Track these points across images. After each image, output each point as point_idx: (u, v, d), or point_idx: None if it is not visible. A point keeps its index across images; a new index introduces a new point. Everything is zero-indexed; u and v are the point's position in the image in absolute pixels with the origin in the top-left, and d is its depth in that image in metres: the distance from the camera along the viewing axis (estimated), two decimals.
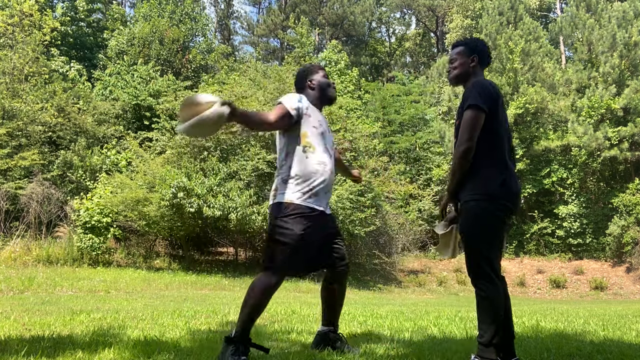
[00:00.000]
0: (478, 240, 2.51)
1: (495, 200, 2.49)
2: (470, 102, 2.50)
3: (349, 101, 19.62)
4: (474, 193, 2.51)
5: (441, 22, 38.17)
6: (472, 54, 2.70)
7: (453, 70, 2.74)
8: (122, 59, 21.64)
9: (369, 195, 15.12)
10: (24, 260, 12.01)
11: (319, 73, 3.01)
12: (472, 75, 2.70)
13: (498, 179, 2.51)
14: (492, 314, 2.49)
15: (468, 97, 2.53)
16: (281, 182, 2.77)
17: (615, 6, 20.79)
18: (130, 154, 15.91)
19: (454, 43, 2.80)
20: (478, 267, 2.53)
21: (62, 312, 4.93)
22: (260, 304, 2.68)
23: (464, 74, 2.71)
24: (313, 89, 2.97)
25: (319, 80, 2.98)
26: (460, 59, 2.71)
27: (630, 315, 6.15)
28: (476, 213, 2.50)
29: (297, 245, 2.65)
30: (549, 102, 20.42)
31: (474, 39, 2.79)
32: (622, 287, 17.11)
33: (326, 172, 2.80)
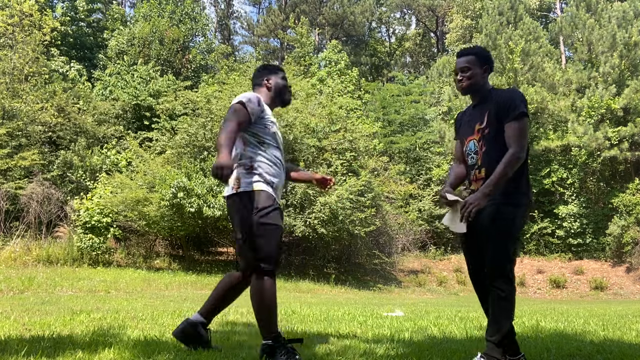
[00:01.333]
0: (508, 243, 2.57)
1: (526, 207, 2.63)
2: (522, 110, 2.55)
3: (349, 101, 19.62)
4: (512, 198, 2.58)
5: (441, 22, 38.18)
6: (484, 64, 2.73)
7: (467, 80, 2.72)
8: (122, 59, 21.64)
9: (369, 195, 15.12)
10: (24, 260, 12.01)
11: (279, 74, 3.02)
12: (483, 85, 2.74)
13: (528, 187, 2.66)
14: (508, 315, 2.55)
15: (513, 105, 2.57)
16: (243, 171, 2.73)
17: (615, 6, 20.80)
18: (130, 154, 15.91)
19: (463, 52, 2.79)
20: (503, 268, 2.56)
21: (62, 312, 4.93)
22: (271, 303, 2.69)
23: (476, 84, 2.73)
24: (269, 89, 2.99)
25: (277, 81, 2.99)
26: (473, 69, 2.71)
27: (630, 315, 6.15)
28: (512, 217, 2.57)
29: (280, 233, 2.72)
30: (549, 102, 20.41)
31: (482, 48, 2.84)
32: (622, 287, 17.11)
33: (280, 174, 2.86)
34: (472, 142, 2.76)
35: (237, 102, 2.76)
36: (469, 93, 2.78)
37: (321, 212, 13.43)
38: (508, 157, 2.53)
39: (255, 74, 3.05)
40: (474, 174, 2.74)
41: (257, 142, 2.79)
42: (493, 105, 2.64)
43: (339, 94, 20.13)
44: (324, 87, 21.83)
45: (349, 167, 15.18)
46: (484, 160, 2.66)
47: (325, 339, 3.38)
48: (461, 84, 2.74)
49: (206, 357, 2.69)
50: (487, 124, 2.66)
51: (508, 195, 2.58)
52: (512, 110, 2.56)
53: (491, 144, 2.63)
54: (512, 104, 2.57)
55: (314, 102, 16.40)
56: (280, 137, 2.96)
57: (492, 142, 2.63)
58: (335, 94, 19.65)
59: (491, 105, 2.66)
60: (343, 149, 15.22)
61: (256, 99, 2.81)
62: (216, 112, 14.64)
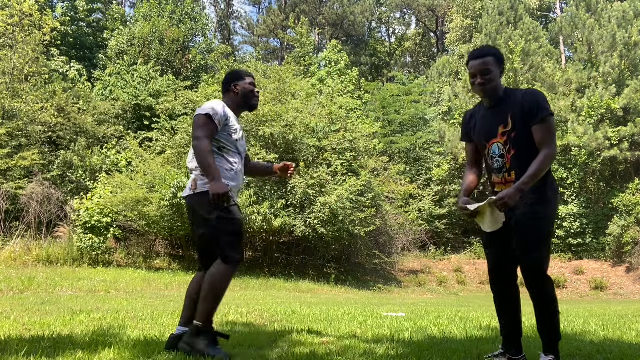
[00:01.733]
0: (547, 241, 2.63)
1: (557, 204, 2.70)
2: (550, 111, 2.57)
3: (349, 101, 19.61)
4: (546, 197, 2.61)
5: (441, 22, 38.17)
6: (501, 65, 2.70)
7: (489, 82, 2.65)
8: (122, 59, 21.64)
9: (369, 195, 15.11)
10: (24, 260, 12.01)
11: (246, 80, 3.11)
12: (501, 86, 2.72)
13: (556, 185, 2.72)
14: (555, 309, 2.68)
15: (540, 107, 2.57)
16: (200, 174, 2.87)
17: (615, 6, 20.80)
18: (130, 154, 15.91)
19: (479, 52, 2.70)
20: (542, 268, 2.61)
21: (62, 312, 4.93)
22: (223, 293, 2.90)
23: (497, 86, 2.68)
24: (237, 94, 3.08)
25: (244, 86, 3.09)
26: (494, 70, 2.65)
27: (630, 315, 6.15)
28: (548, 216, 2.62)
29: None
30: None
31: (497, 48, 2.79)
32: (622, 287, 17.11)
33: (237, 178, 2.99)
34: (495, 145, 2.70)
35: (204, 114, 2.86)
36: (491, 95, 2.70)
37: (321, 212, 13.43)
38: (543, 156, 2.53)
39: (224, 80, 3.16)
40: (502, 176, 2.71)
41: (216, 147, 2.93)
42: (517, 108, 2.61)
43: (339, 94, 20.12)
44: (324, 87, 21.84)
45: (349, 167, 15.18)
46: (514, 163, 2.64)
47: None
48: (483, 87, 2.66)
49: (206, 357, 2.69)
50: (513, 126, 2.62)
51: (542, 194, 2.60)
52: (540, 112, 2.56)
53: (521, 147, 2.62)
54: (538, 106, 2.57)
55: (314, 102, 16.39)
56: (243, 143, 3.11)
57: (521, 144, 2.61)
58: (335, 94, 19.64)
59: (513, 108, 2.63)
60: (343, 149, 15.22)
61: (221, 109, 2.92)
62: None
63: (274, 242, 15.85)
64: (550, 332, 2.64)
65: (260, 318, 4.73)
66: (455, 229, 22.07)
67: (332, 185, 13.96)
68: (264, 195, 13.61)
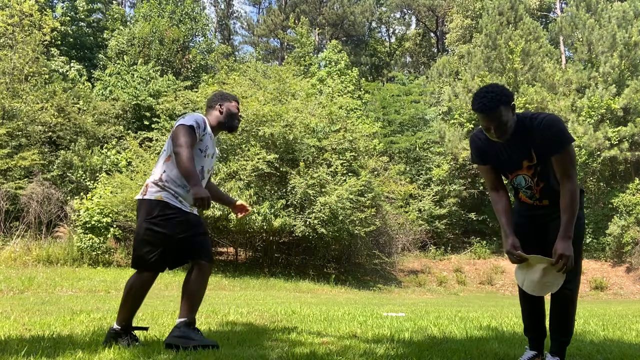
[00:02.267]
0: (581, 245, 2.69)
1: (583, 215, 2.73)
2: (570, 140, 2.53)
3: (349, 101, 19.61)
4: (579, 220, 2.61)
5: (441, 22, 38.18)
6: (511, 104, 2.55)
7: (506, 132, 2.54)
8: (122, 59, 21.64)
9: (369, 195, 15.11)
10: (24, 260, 12.02)
11: (232, 102, 3.30)
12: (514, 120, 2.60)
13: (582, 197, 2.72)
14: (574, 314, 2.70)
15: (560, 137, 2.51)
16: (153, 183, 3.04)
17: (615, 6, 20.80)
18: (130, 154, 15.91)
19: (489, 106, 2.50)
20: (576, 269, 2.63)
21: (62, 312, 4.93)
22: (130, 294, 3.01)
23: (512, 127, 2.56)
24: (221, 113, 3.24)
25: (229, 107, 3.26)
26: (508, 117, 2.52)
27: (630, 315, 6.16)
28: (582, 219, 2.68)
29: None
30: (549, 102, 20.41)
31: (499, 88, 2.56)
32: (622, 287, 17.11)
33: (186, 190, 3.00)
34: (521, 177, 2.69)
35: (188, 125, 2.98)
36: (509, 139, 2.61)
37: (321, 212, 13.42)
38: (571, 194, 2.52)
39: (211, 97, 3.31)
40: (533, 202, 2.72)
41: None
42: (539, 141, 2.56)
43: (339, 94, 20.11)
44: (324, 87, 21.84)
45: (349, 167, 15.17)
46: (544, 194, 2.67)
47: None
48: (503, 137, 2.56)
49: (206, 357, 2.69)
50: (537, 159, 2.61)
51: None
52: (561, 143, 2.52)
53: (547, 179, 2.63)
54: (558, 137, 2.51)
55: (314, 102, 16.39)
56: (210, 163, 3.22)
57: (548, 176, 2.62)
58: (335, 94, 19.64)
59: (534, 141, 2.57)
60: (343, 149, 15.21)
61: (203, 124, 3.08)
62: None
63: (274, 242, 15.85)
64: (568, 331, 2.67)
65: (260, 318, 4.73)
66: (455, 229, 22.07)
67: (332, 185, 13.96)
68: (264, 195, 13.61)
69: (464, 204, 22.31)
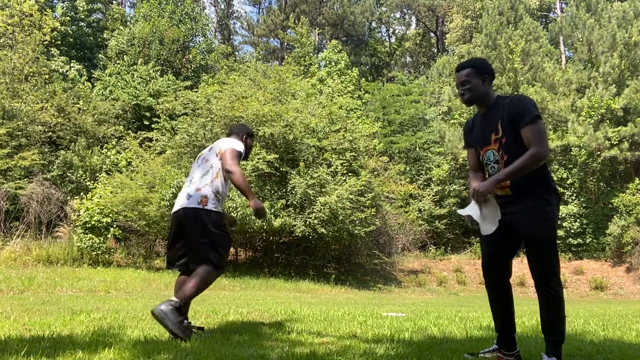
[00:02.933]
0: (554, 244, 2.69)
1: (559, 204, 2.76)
2: (535, 114, 2.64)
3: (349, 101, 19.61)
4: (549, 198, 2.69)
5: (441, 22, 38.18)
6: (482, 74, 2.82)
7: (468, 92, 2.83)
8: (122, 59, 21.64)
9: (369, 195, 15.11)
10: (24, 260, 12.01)
11: (252, 138, 4.02)
12: (487, 94, 2.84)
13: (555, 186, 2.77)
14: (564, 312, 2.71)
15: (525, 111, 2.66)
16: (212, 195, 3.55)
17: (615, 6, 20.79)
18: (130, 154, 15.91)
19: (460, 65, 2.87)
20: (553, 269, 2.68)
21: (62, 312, 4.93)
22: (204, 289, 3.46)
23: (478, 95, 2.83)
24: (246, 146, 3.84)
25: (250, 143, 3.95)
26: (472, 81, 2.81)
27: (630, 315, 6.15)
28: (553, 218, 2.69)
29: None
30: (549, 102, 20.41)
31: (480, 59, 2.91)
32: (622, 287, 17.11)
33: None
34: (490, 152, 2.83)
35: (239, 151, 3.64)
36: (473, 104, 2.89)
37: (321, 212, 13.42)
38: (529, 153, 2.61)
39: (237, 126, 3.99)
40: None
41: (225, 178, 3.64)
42: (505, 114, 2.72)
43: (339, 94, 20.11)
44: (324, 87, 21.82)
45: (349, 167, 15.17)
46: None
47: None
48: (462, 97, 2.86)
49: (206, 356, 2.70)
50: (503, 133, 2.74)
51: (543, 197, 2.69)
52: (525, 115, 2.65)
53: (512, 152, 2.70)
54: (524, 110, 2.66)
55: (314, 102, 16.39)
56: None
57: (512, 150, 2.70)
58: (335, 94, 19.63)
59: (502, 114, 2.74)
60: (343, 149, 15.21)
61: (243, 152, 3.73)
62: (216, 112, 14.63)
63: (274, 242, 15.85)
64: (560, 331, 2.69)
65: (260, 318, 4.73)
66: (455, 229, 22.07)
67: (332, 185, 13.95)
68: (264, 195, 13.61)
69: (464, 204, 22.28)
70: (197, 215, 3.43)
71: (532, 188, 2.68)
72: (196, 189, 3.51)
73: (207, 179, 3.55)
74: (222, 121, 14.47)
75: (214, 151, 3.66)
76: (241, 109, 14.35)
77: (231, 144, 3.61)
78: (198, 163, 3.73)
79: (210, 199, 3.48)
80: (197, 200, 3.46)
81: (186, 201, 3.49)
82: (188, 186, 3.61)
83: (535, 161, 2.60)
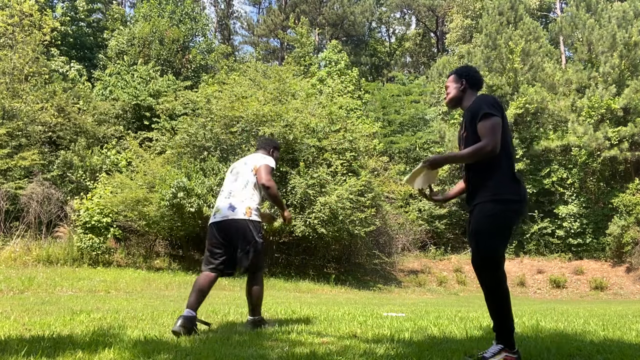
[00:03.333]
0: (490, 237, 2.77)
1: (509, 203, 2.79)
2: (486, 111, 2.82)
3: (349, 101, 19.61)
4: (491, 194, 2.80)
5: (441, 22, 38.18)
6: (461, 79, 3.09)
7: (446, 95, 3.16)
8: (122, 59, 21.63)
9: (369, 195, 15.11)
10: (24, 260, 12.00)
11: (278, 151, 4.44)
12: (464, 98, 3.10)
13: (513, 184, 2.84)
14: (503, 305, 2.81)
15: (479, 108, 2.86)
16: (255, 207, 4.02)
17: (615, 6, 20.79)
18: (130, 154, 15.91)
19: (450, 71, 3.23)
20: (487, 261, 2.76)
21: (62, 312, 4.93)
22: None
23: (454, 98, 3.12)
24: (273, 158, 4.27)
25: (277, 156, 4.39)
26: (451, 85, 3.12)
27: (630, 315, 6.15)
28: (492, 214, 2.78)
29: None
30: (549, 102, 20.41)
31: (465, 66, 3.19)
32: (622, 287, 17.11)
33: None
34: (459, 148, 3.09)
35: (272, 167, 4.08)
36: (452, 106, 3.18)
37: (321, 212, 13.42)
38: (475, 145, 2.81)
39: (265, 140, 4.42)
40: (464, 175, 3.05)
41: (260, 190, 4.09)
42: (469, 112, 2.97)
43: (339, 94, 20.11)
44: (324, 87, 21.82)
45: (349, 167, 15.17)
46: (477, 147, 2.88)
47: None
48: (445, 100, 3.22)
49: (206, 356, 2.70)
50: (464, 129, 2.99)
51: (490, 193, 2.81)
52: (480, 112, 2.84)
53: (467, 146, 2.91)
54: (479, 107, 2.86)
55: (314, 102, 16.39)
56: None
57: (468, 144, 2.91)
58: (335, 94, 19.63)
59: (467, 113, 3.00)
60: (343, 149, 15.21)
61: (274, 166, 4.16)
62: (216, 112, 14.63)
63: (274, 242, 15.85)
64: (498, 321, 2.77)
65: None
66: (455, 229, 22.07)
67: (332, 185, 13.96)
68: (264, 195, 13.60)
69: (464, 204, 22.27)
70: (246, 225, 3.87)
71: (486, 185, 2.82)
72: (240, 201, 3.95)
73: (247, 192, 3.99)
74: (222, 121, 14.47)
75: (249, 167, 4.07)
76: (241, 109, 14.35)
77: (264, 160, 4.07)
78: (234, 177, 4.11)
79: (254, 210, 3.95)
80: (243, 212, 3.90)
81: (231, 212, 3.90)
82: (227, 198, 4.00)
83: (478, 152, 2.77)
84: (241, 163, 4.18)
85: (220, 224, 3.93)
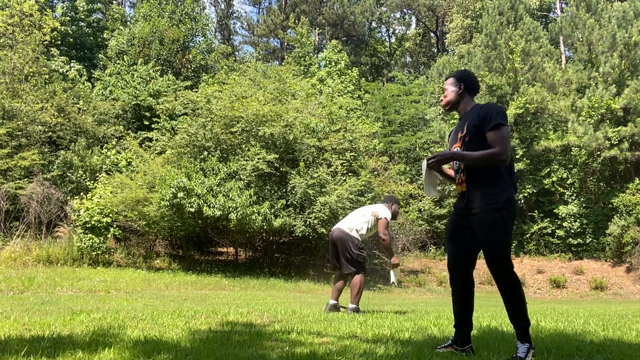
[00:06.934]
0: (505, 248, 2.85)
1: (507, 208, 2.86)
2: (500, 121, 2.87)
3: (349, 101, 19.61)
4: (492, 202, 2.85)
5: (441, 22, 38.17)
6: (459, 83, 3.15)
7: (444, 98, 3.23)
8: (122, 59, 21.63)
9: (369, 195, 15.11)
10: (24, 260, 12.01)
11: (397, 205, 5.80)
12: (461, 101, 3.16)
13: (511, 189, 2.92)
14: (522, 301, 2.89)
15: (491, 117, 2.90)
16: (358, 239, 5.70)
17: (615, 6, 20.78)
18: (130, 154, 15.91)
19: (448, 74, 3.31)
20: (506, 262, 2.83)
21: (62, 312, 4.93)
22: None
23: (452, 101, 3.19)
24: (392, 212, 5.65)
25: (396, 210, 5.75)
26: (449, 89, 3.19)
27: (630, 315, 6.15)
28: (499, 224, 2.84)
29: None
30: (549, 102, 20.41)
31: (462, 70, 3.23)
32: (622, 287, 17.10)
33: None
34: (456, 149, 3.09)
35: (389, 221, 5.57)
36: (448, 109, 3.25)
37: (321, 212, 13.43)
38: (490, 150, 2.84)
39: (388, 197, 5.83)
40: (459, 177, 3.07)
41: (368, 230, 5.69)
42: (475, 117, 2.98)
43: (339, 94, 20.12)
44: (324, 87, 21.83)
45: (349, 167, 15.17)
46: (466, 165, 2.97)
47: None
48: (443, 101, 3.25)
49: (206, 356, 2.70)
50: (466, 132, 3.01)
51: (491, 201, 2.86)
52: (492, 120, 2.88)
53: (471, 149, 2.94)
54: (491, 116, 2.90)
55: (314, 102, 16.40)
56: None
57: (471, 147, 2.94)
58: (335, 94, 19.64)
59: (472, 117, 3.01)
60: (343, 149, 15.21)
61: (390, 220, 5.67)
62: (216, 112, 14.62)
63: (274, 242, 15.86)
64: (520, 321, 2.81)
65: (260, 318, 4.73)
66: None
67: (332, 185, 13.96)
68: (264, 195, 13.62)
69: None
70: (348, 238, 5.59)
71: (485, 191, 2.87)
72: (350, 229, 5.62)
73: (356, 220, 5.69)
74: (222, 121, 14.47)
75: (370, 210, 5.66)
76: (241, 109, 14.35)
77: (385, 214, 5.50)
78: (357, 213, 5.74)
79: (354, 234, 5.60)
80: (347, 228, 5.65)
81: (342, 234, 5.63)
82: (344, 223, 5.68)
83: (492, 158, 2.83)
84: (368, 208, 5.76)
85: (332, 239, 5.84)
